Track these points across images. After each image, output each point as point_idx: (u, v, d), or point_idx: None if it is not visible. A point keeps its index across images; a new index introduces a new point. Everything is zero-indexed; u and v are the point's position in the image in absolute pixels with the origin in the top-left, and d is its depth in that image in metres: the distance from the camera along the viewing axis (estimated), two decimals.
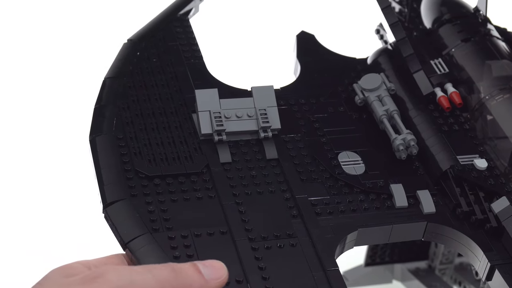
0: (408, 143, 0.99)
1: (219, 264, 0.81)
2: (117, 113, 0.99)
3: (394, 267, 1.27)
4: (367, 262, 1.26)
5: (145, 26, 1.14)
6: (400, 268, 1.26)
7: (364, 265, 1.26)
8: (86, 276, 0.77)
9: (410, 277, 1.25)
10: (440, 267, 1.24)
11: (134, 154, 0.95)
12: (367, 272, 1.26)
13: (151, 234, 0.87)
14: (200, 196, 0.92)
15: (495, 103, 1.01)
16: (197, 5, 1.19)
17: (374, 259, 1.26)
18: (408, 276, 1.25)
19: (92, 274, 0.78)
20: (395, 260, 1.27)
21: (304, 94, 1.07)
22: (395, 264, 1.27)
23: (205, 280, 0.79)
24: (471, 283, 1.22)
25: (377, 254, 1.26)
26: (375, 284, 1.27)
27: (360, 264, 1.27)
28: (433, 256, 1.24)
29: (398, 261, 1.27)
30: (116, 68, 1.06)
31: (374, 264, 1.26)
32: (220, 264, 0.81)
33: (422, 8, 1.18)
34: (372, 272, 1.26)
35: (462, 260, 1.26)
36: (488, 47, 1.07)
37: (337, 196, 0.94)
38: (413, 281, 1.25)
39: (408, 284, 1.26)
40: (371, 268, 1.26)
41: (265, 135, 0.98)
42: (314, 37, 1.16)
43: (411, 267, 1.25)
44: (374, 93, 1.05)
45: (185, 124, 0.99)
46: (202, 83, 1.06)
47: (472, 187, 0.96)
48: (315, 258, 0.87)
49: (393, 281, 1.28)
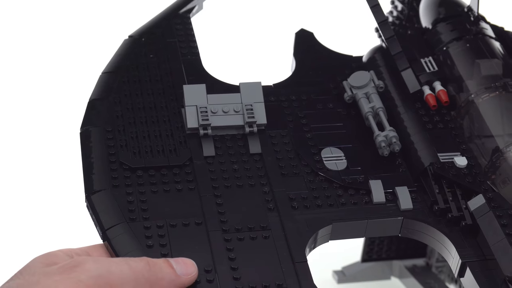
0: (390, 140, 1.00)
1: (190, 262, 0.85)
2: (109, 107, 1.02)
3: (392, 263, 1.27)
4: (363, 258, 1.27)
5: (147, 23, 1.17)
6: (398, 265, 1.27)
7: (361, 261, 1.27)
8: (65, 265, 0.81)
9: (407, 274, 1.26)
10: (437, 264, 1.25)
11: (120, 146, 0.98)
12: (365, 268, 1.27)
13: (127, 223, 0.90)
14: (180, 188, 0.94)
15: (480, 102, 1.02)
16: (201, 3, 1.21)
17: (371, 255, 1.27)
18: (405, 273, 1.26)
19: (71, 263, 0.81)
20: (392, 256, 1.28)
21: (295, 91, 1.08)
22: (393, 261, 1.27)
23: (176, 275, 0.83)
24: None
25: (374, 250, 1.27)
26: (372, 280, 1.28)
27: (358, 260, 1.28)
28: (430, 254, 1.25)
29: (395, 257, 1.27)
30: (114, 64, 1.10)
31: (371, 260, 1.27)
32: (191, 262, 0.85)
33: (420, 7, 1.19)
34: (370, 268, 1.27)
35: None
36: (479, 46, 1.07)
37: (315, 191, 0.96)
38: (410, 278, 1.26)
39: (405, 281, 1.26)
40: (369, 264, 1.27)
41: (250, 130, 1.01)
42: (313, 35, 1.18)
43: (408, 264, 1.26)
44: (362, 90, 1.06)
45: (174, 118, 1.02)
46: (196, 78, 1.08)
47: (451, 184, 0.96)
48: (286, 251, 0.89)
49: (391, 277, 1.28)
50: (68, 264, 0.81)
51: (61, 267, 0.81)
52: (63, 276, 0.80)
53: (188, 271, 0.84)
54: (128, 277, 0.82)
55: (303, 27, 1.18)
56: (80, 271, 0.80)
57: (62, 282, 0.78)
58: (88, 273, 0.80)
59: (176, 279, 0.84)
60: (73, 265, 0.81)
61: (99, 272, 0.81)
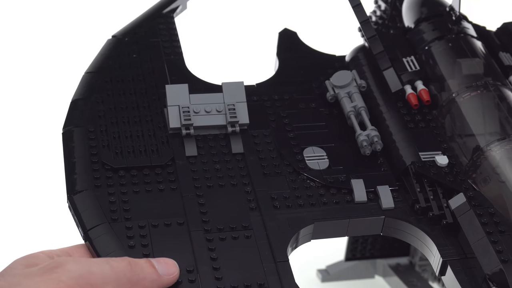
0: (372, 139, 1.00)
1: (172, 262, 0.86)
2: (92, 107, 1.02)
3: (376, 262, 1.28)
4: (347, 257, 1.28)
5: (130, 23, 1.17)
6: (381, 264, 1.27)
7: (345, 260, 1.28)
8: (45, 266, 0.81)
9: (390, 273, 1.26)
10: (420, 263, 1.25)
11: (102, 147, 0.98)
12: (349, 266, 1.27)
13: (109, 223, 0.90)
14: (162, 188, 0.94)
15: (462, 101, 1.02)
16: (185, 3, 1.21)
17: (355, 254, 1.28)
18: (388, 271, 1.26)
19: (52, 264, 0.81)
20: (376, 255, 1.28)
21: (278, 90, 1.09)
22: (377, 260, 1.28)
23: (158, 275, 0.84)
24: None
25: (358, 249, 1.27)
26: (356, 278, 1.29)
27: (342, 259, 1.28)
28: (414, 253, 1.25)
29: (379, 256, 1.28)
30: (97, 63, 1.10)
31: (355, 259, 1.28)
32: (173, 262, 0.86)
33: (403, 7, 1.19)
34: (354, 267, 1.27)
35: None
36: (460, 45, 1.08)
37: (297, 190, 0.96)
38: (394, 277, 1.26)
39: (389, 280, 1.27)
40: (353, 262, 1.28)
41: (233, 130, 1.01)
42: (296, 34, 1.18)
43: (392, 263, 1.26)
44: (344, 89, 1.06)
45: (156, 118, 1.02)
46: (179, 78, 1.08)
47: (432, 183, 0.97)
48: (268, 250, 0.89)
49: (375, 276, 1.29)
50: (48, 265, 0.81)
51: (41, 268, 0.81)
52: (44, 277, 0.80)
53: (169, 271, 0.84)
54: (109, 277, 0.82)
55: (287, 27, 1.18)
56: (60, 272, 0.80)
57: (43, 283, 0.78)
58: (69, 274, 0.80)
59: (157, 279, 0.84)
60: (54, 266, 0.81)
61: (80, 273, 0.81)
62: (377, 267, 1.28)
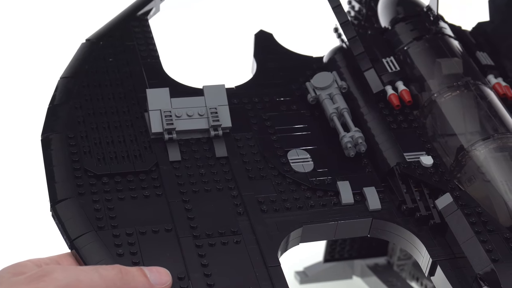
0: (356, 141, 1.00)
1: (164, 271, 0.84)
2: (70, 113, 1.00)
3: (354, 263, 1.28)
4: (326, 258, 1.27)
5: (104, 26, 1.15)
6: (360, 264, 1.27)
7: (323, 261, 1.27)
8: (33, 275, 0.79)
9: (369, 273, 1.26)
10: (398, 263, 1.26)
11: (84, 153, 0.96)
12: (327, 268, 1.27)
13: (96, 232, 0.88)
14: (147, 194, 0.93)
15: (443, 101, 1.02)
16: (158, 5, 1.20)
17: (333, 255, 1.27)
18: (367, 272, 1.26)
19: (39, 273, 0.79)
20: (354, 256, 1.28)
21: (258, 93, 1.08)
22: (355, 260, 1.28)
23: (150, 284, 0.82)
24: (428, 279, 1.22)
25: (336, 250, 1.27)
26: (335, 280, 1.28)
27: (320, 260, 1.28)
28: (392, 252, 1.26)
29: (357, 257, 1.28)
30: (72, 68, 1.08)
31: (333, 260, 1.27)
32: (165, 271, 0.84)
33: (379, 7, 1.19)
34: (332, 268, 1.27)
35: None
36: (439, 45, 1.08)
37: (283, 194, 0.95)
38: (373, 277, 1.26)
39: (367, 280, 1.27)
40: (331, 264, 1.27)
41: (216, 134, 1.00)
42: (272, 36, 1.17)
43: (370, 263, 1.26)
44: (325, 91, 1.06)
45: (137, 123, 1.01)
46: (157, 82, 1.07)
47: (418, 184, 0.97)
48: (258, 255, 0.88)
49: (353, 276, 1.29)
50: (36, 273, 0.79)
51: (28, 276, 0.79)
52: (30, 285, 0.78)
53: (162, 280, 0.83)
54: (98, 285, 0.80)
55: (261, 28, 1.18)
56: (48, 280, 0.78)
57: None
58: (56, 282, 0.78)
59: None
60: (41, 275, 0.79)
61: (68, 281, 0.79)
62: (355, 267, 1.28)
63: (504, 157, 0.96)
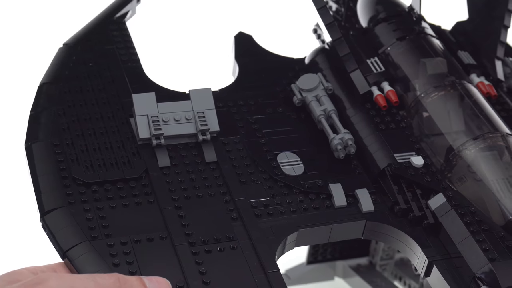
0: (346, 143, 0.99)
1: (164, 281, 0.82)
2: (53, 119, 0.98)
3: (335, 264, 1.27)
4: (309, 260, 1.27)
5: (81, 30, 1.13)
6: (341, 265, 1.27)
7: (306, 263, 1.27)
8: (27, 283, 0.77)
9: (351, 274, 1.26)
10: (381, 263, 1.26)
11: (71, 161, 0.94)
12: (309, 270, 1.26)
13: (89, 242, 0.86)
14: (139, 202, 0.91)
15: (430, 101, 1.02)
16: (134, 8, 1.18)
17: (316, 257, 1.27)
18: (349, 272, 1.26)
19: (33, 281, 0.77)
20: (337, 257, 1.28)
21: (242, 96, 1.07)
22: (337, 261, 1.27)
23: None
24: (411, 278, 1.23)
25: (319, 252, 1.27)
26: (317, 281, 1.28)
27: (302, 262, 1.27)
28: (374, 252, 1.26)
29: (339, 258, 1.28)
30: (52, 73, 1.05)
31: (316, 262, 1.27)
32: (165, 281, 0.82)
33: (358, 7, 1.19)
34: (314, 270, 1.27)
35: (402, 255, 1.27)
36: (422, 45, 1.08)
37: (276, 198, 0.94)
38: (355, 278, 1.26)
39: (350, 281, 1.27)
40: (313, 266, 1.27)
41: (204, 138, 0.98)
42: (252, 37, 1.16)
43: (352, 264, 1.26)
44: (311, 93, 1.05)
45: (123, 129, 0.99)
46: (140, 86, 1.05)
47: (409, 184, 0.97)
48: (256, 261, 0.87)
49: (335, 278, 1.28)
50: (31, 281, 0.77)
51: (23, 284, 0.77)
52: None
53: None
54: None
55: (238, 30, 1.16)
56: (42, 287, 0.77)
57: None
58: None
59: None
60: (36, 282, 0.77)
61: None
62: (337, 269, 1.28)
63: (494, 156, 0.96)
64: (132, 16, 1.18)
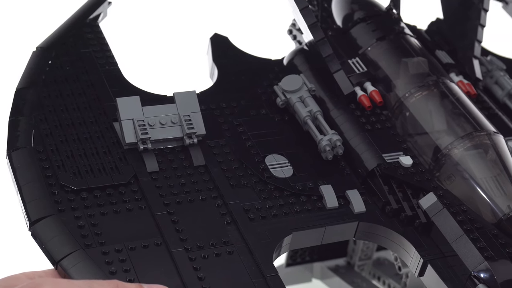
0: (334, 144, 0.99)
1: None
2: (34, 125, 0.95)
3: (313, 265, 1.27)
4: (288, 263, 1.26)
5: (54, 33, 1.10)
6: (319, 267, 1.27)
7: (285, 266, 1.26)
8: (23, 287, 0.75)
9: (329, 275, 1.26)
10: (359, 263, 1.26)
11: (57, 168, 0.91)
12: (287, 272, 1.26)
13: (83, 250, 0.84)
14: (130, 208, 0.89)
15: (414, 101, 1.03)
16: (105, 10, 1.16)
17: (295, 259, 1.26)
18: (328, 273, 1.26)
19: (29, 285, 0.75)
20: (316, 259, 1.27)
21: (224, 98, 1.05)
22: (314, 263, 1.27)
23: None
24: (390, 277, 1.23)
25: (298, 254, 1.26)
26: (295, 283, 1.27)
27: (280, 265, 1.26)
28: (352, 253, 1.25)
29: (318, 259, 1.27)
30: (28, 78, 1.02)
31: (295, 264, 1.26)
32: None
33: (333, 8, 1.19)
34: (291, 272, 1.26)
35: (379, 255, 1.28)
36: (403, 45, 1.08)
37: (268, 200, 0.93)
38: (333, 279, 1.26)
39: (328, 282, 1.26)
40: (290, 268, 1.26)
41: (191, 142, 0.97)
42: (227, 39, 1.15)
43: (330, 265, 1.26)
44: (295, 94, 1.04)
45: (107, 134, 0.97)
46: (120, 90, 1.03)
47: (399, 184, 0.97)
48: (254, 265, 0.86)
49: (312, 279, 1.28)
50: (26, 286, 0.75)
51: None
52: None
53: None
54: None
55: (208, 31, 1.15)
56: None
57: None
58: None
59: None
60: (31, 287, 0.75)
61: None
62: (314, 270, 1.27)
63: (481, 155, 0.97)
64: (104, 18, 1.16)
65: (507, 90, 1.13)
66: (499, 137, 0.98)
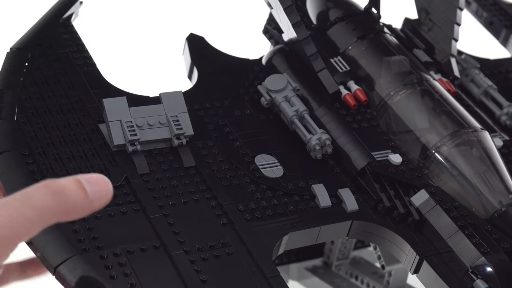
0: (324, 143, 0.99)
1: (104, 180, 0.69)
2: (19, 128, 0.92)
3: (289, 267, 1.26)
4: None
5: (27, 33, 1.07)
6: (296, 267, 1.26)
7: None
8: None
9: (307, 275, 1.25)
10: (337, 263, 1.25)
11: (46, 171, 0.88)
12: None
13: (81, 255, 0.81)
14: (124, 211, 0.87)
15: (399, 99, 1.03)
16: (77, 10, 1.13)
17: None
18: (305, 274, 1.25)
19: None
20: (293, 260, 1.26)
21: (207, 98, 1.04)
22: (291, 264, 1.26)
23: (89, 201, 0.67)
24: (367, 275, 1.24)
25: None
26: None
27: None
28: (329, 253, 1.25)
29: (295, 260, 1.26)
30: (6, 80, 0.99)
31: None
32: (104, 180, 0.69)
33: (308, 7, 1.18)
34: None
35: (355, 254, 1.28)
36: (384, 43, 1.09)
37: (262, 201, 0.92)
38: (310, 279, 1.25)
39: (305, 283, 1.26)
40: None
41: (179, 143, 0.95)
42: (204, 39, 1.13)
43: (308, 265, 1.25)
44: (280, 94, 1.04)
45: (93, 136, 0.94)
46: (102, 91, 1.00)
47: (390, 182, 0.97)
48: (255, 266, 0.85)
49: (289, 280, 1.27)
50: None
51: None
52: None
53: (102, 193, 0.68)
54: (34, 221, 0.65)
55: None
56: None
57: None
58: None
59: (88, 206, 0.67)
60: None
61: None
62: (291, 271, 1.26)
63: (469, 152, 0.97)
64: (76, 18, 1.13)
65: (483, 88, 1.14)
66: (485, 134, 0.99)
